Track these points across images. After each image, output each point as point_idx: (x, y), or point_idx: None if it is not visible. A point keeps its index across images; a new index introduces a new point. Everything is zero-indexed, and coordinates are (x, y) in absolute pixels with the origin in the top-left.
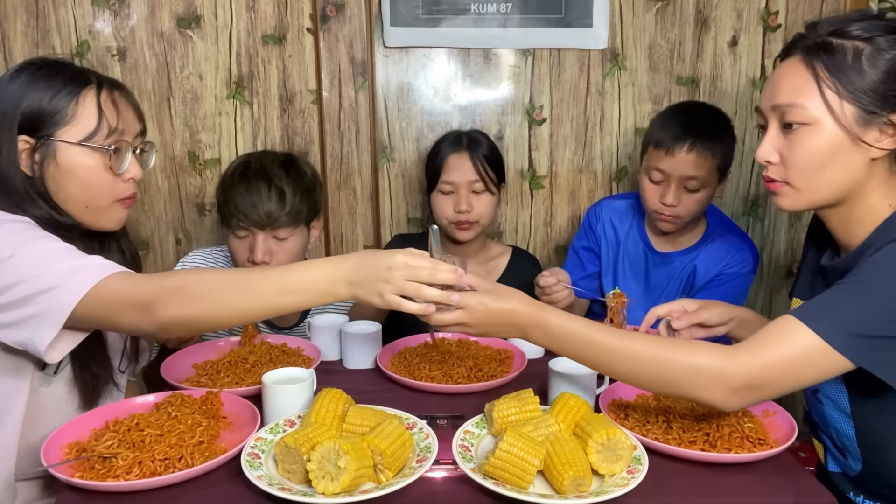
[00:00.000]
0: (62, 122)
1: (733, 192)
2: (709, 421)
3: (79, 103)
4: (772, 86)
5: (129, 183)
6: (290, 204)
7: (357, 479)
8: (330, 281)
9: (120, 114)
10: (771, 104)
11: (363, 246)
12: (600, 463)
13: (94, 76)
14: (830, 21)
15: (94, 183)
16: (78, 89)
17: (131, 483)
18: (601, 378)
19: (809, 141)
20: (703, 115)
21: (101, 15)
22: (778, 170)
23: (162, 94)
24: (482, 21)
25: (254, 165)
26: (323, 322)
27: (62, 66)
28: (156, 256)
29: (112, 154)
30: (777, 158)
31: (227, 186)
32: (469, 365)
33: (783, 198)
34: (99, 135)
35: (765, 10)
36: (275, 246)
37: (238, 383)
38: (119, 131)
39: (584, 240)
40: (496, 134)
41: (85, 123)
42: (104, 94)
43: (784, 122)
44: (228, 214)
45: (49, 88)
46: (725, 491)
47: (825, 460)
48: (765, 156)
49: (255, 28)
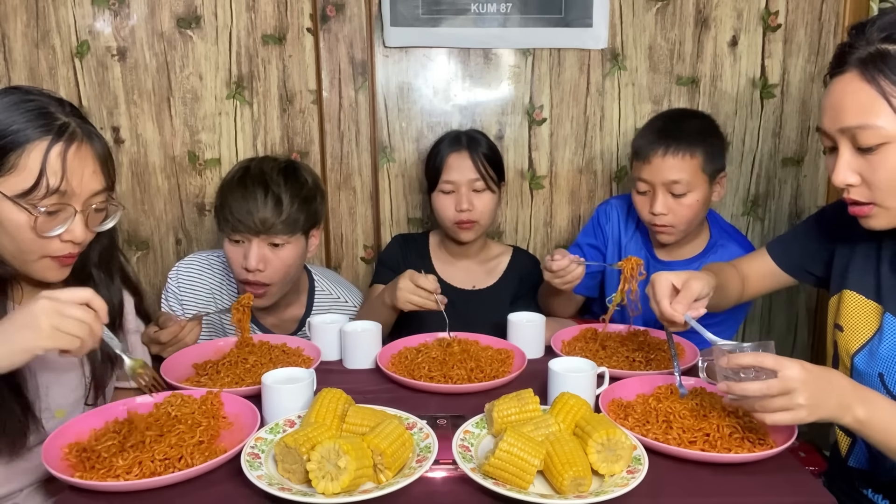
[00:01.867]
0: (3, 170)
1: (733, 192)
2: (709, 421)
3: (24, 154)
4: (834, 107)
5: (66, 244)
6: (286, 211)
7: (357, 479)
8: None
9: (68, 174)
10: (838, 127)
11: (363, 246)
12: (600, 463)
13: (59, 123)
14: (878, 26)
15: (20, 238)
16: (31, 137)
17: (131, 483)
18: (601, 378)
19: (893, 159)
20: (681, 119)
21: (101, 15)
22: (861, 191)
23: (162, 94)
24: (482, 21)
25: (253, 171)
26: (323, 322)
27: (30, 102)
28: (156, 256)
29: (40, 217)
30: (857, 180)
31: (225, 191)
32: (470, 366)
33: (875, 219)
34: (34, 194)
35: (765, 10)
36: (269, 253)
37: (238, 383)
38: (60, 192)
39: (591, 237)
40: (496, 134)
41: (24, 179)
42: (57, 147)
43: (859, 146)
44: (224, 219)
45: (4, 128)
46: (725, 491)
47: (846, 454)
48: (844, 179)
49: (255, 28)
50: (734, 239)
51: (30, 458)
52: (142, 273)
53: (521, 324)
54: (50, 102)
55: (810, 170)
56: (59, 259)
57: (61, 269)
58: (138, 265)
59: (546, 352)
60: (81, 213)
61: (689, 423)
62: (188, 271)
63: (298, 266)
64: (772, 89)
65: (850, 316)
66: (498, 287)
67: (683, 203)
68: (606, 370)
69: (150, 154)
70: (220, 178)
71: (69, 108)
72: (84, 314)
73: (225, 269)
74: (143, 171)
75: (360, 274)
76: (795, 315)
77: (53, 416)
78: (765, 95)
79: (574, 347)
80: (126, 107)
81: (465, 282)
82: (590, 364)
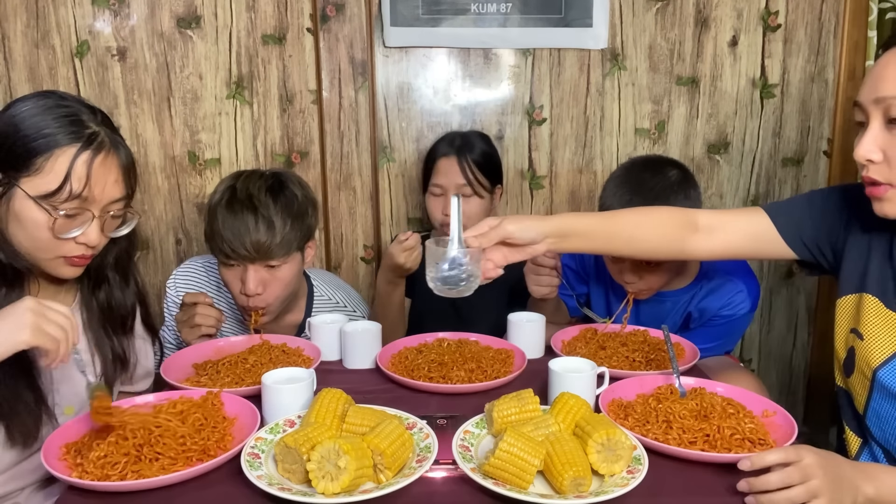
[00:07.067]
0: (30, 170)
1: (733, 192)
2: (709, 421)
3: (52, 158)
4: (874, 77)
5: (80, 245)
6: (280, 234)
7: (357, 479)
8: None
9: (92, 181)
10: (874, 97)
11: (363, 246)
12: (600, 463)
13: (89, 132)
14: None
15: (37, 237)
16: (60, 143)
17: (131, 483)
18: (601, 378)
19: None
20: (651, 178)
21: (101, 15)
22: (881, 170)
23: (162, 94)
24: (482, 21)
25: (240, 194)
26: (323, 322)
27: (63, 108)
28: (156, 256)
29: (59, 219)
30: (880, 157)
31: (214, 217)
32: (470, 367)
33: (889, 204)
34: (57, 197)
35: (765, 10)
36: (267, 275)
37: (238, 383)
38: (82, 198)
39: (570, 259)
40: (496, 134)
41: (49, 181)
42: (85, 155)
43: (889, 117)
44: (216, 247)
45: (36, 131)
46: (725, 491)
47: (857, 455)
48: (865, 154)
49: (255, 28)
50: (728, 266)
51: (32, 457)
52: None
53: (521, 324)
54: (82, 110)
55: (810, 170)
56: (71, 259)
57: (73, 268)
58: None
59: (546, 352)
60: (99, 218)
61: (689, 423)
62: (185, 279)
63: (297, 279)
64: (772, 89)
65: (872, 324)
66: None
67: (657, 271)
68: (606, 370)
69: (150, 154)
70: (220, 177)
71: (101, 118)
72: (65, 320)
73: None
74: (143, 171)
75: (360, 274)
76: (795, 315)
77: (63, 413)
78: (765, 95)
79: (574, 347)
80: (126, 107)
81: None
82: (590, 364)
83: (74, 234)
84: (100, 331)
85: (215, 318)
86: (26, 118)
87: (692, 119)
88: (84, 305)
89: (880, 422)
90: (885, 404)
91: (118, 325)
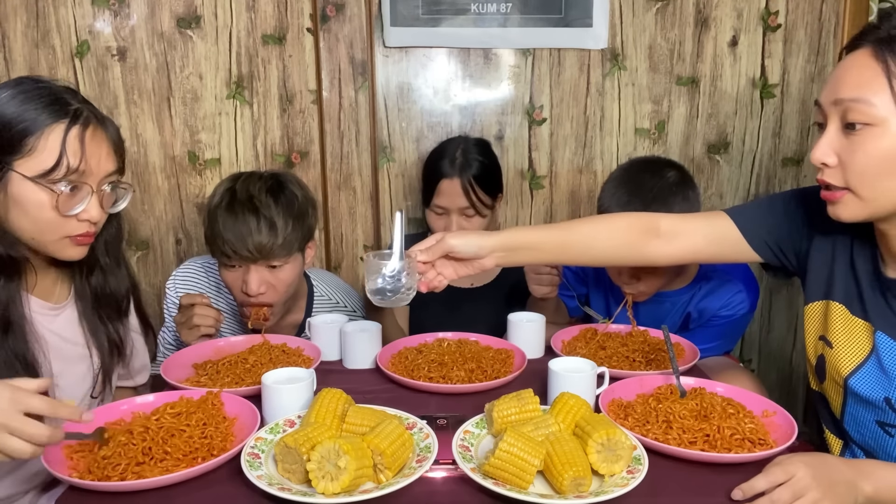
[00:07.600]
0: (22, 152)
1: (733, 192)
2: (709, 421)
3: (42, 137)
4: (835, 79)
5: (83, 223)
6: (281, 235)
7: (357, 479)
8: None
9: (86, 154)
10: (833, 98)
11: (363, 246)
12: (600, 463)
13: (73, 108)
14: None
15: (41, 218)
16: (48, 122)
17: (131, 483)
18: (601, 378)
19: (873, 143)
20: (650, 180)
21: (101, 15)
22: (835, 174)
23: (162, 94)
24: (482, 21)
25: (240, 195)
26: (323, 322)
27: (43, 90)
28: (156, 256)
29: (62, 195)
30: (835, 161)
31: (214, 219)
32: (470, 367)
33: (843, 207)
34: (55, 173)
35: (765, 10)
36: (269, 276)
37: (238, 383)
38: (79, 172)
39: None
40: (496, 134)
41: (44, 159)
42: (75, 130)
43: (846, 122)
44: (217, 248)
45: (20, 114)
46: (725, 491)
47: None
48: (821, 157)
49: (255, 28)
50: (727, 267)
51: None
52: (142, 273)
53: (521, 324)
54: (61, 90)
55: (810, 170)
56: (76, 238)
57: (79, 247)
58: (138, 265)
59: (546, 352)
60: (97, 193)
61: (689, 423)
62: (185, 279)
63: (298, 279)
64: (772, 89)
65: (839, 332)
66: (496, 284)
67: (656, 273)
68: (606, 370)
69: (150, 154)
70: (220, 177)
71: (80, 97)
72: (34, 431)
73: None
74: (143, 171)
75: (359, 274)
76: (795, 315)
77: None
78: (765, 95)
79: (574, 347)
80: (126, 107)
81: (463, 280)
82: (590, 364)
83: (77, 209)
84: (94, 319)
85: (213, 317)
86: (6, 104)
87: (692, 119)
88: (78, 296)
89: (858, 426)
90: (860, 409)
91: (113, 310)
